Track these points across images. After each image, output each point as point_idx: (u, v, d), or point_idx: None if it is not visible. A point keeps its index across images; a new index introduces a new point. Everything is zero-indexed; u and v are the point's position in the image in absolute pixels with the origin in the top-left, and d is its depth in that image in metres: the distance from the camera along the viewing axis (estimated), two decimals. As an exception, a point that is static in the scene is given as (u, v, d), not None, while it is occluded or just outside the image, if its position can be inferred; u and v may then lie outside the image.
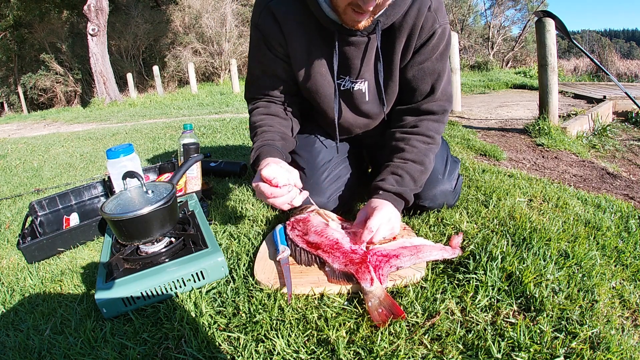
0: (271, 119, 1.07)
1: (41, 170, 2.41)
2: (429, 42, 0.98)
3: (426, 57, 1.00)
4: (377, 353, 0.62)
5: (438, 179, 1.09)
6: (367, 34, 0.97)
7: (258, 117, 1.08)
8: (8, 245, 1.27)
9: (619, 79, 7.84)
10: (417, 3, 0.94)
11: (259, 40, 1.03)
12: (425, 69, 1.01)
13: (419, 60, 1.00)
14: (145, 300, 0.80)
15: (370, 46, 1.00)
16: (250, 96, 1.15)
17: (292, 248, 0.91)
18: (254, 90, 1.13)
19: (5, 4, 12.35)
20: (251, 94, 1.14)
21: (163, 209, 0.85)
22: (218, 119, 3.88)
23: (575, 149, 2.40)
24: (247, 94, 1.16)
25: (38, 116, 7.95)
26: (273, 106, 1.10)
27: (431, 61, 1.00)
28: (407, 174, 0.99)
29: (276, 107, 1.10)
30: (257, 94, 1.12)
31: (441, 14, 0.97)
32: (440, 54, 1.00)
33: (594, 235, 0.98)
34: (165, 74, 13.02)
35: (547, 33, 2.55)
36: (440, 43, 0.99)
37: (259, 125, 1.06)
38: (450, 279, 0.80)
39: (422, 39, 0.97)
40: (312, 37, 1.00)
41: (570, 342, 0.62)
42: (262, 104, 1.11)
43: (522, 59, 14.35)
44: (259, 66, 1.09)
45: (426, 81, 1.02)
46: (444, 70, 1.02)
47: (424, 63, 1.00)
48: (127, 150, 1.22)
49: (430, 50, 0.99)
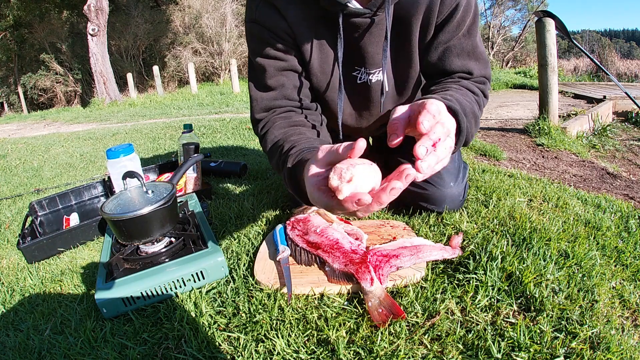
0: (297, 131, 0.81)
1: (41, 170, 2.41)
2: (453, 18, 0.83)
3: (451, 35, 0.85)
4: (377, 353, 0.62)
5: (448, 184, 1.05)
6: (374, 9, 0.81)
7: (279, 131, 0.82)
8: (8, 245, 1.27)
9: (619, 79, 7.84)
10: None
11: (262, 32, 0.86)
12: (452, 49, 0.86)
13: (444, 39, 0.86)
14: (145, 300, 0.80)
15: (381, 27, 0.85)
16: (260, 113, 0.89)
17: (292, 248, 0.91)
18: (264, 103, 0.88)
19: (5, 4, 12.35)
20: (261, 109, 0.89)
21: (163, 209, 0.85)
22: (218, 119, 3.88)
23: (575, 149, 2.40)
24: (255, 113, 0.90)
25: (38, 116, 7.95)
26: (294, 115, 0.86)
27: (458, 38, 0.85)
28: (459, 103, 0.70)
29: (298, 116, 0.86)
30: (270, 105, 0.88)
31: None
32: (467, 29, 0.86)
33: (594, 235, 0.98)
34: (165, 74, 13.03)
35: (547, 33, 2.55)
36: (466, 16, 0.84)
37: (284, 138, 0.78)
38: (450, 279, 0.80)
39: (443, 14, 0.83)
40: (318, 27, 0.85)
41: (570, 342, 0.62)
42: (279, 117, 0.85)
43: (522, 59, 14.36)
44: (269, 63, 0.87)
45: (456, 63, 0.87)
46: (475, 47, 0.87)
47: (450, 41, 0.86)
48: (127, 150, 1.22)
49: (456, 27, 0.84)
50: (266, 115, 0.88)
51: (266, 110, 0.88)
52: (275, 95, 0.88)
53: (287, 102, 0.88)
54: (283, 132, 0.81)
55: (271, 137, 0.83)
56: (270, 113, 0.88)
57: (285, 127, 0.83)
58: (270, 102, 0.88)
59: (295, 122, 0.84)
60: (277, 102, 0.88)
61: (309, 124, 0.87)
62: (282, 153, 0.74)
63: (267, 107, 0.88)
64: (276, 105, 0.88)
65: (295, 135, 0.78)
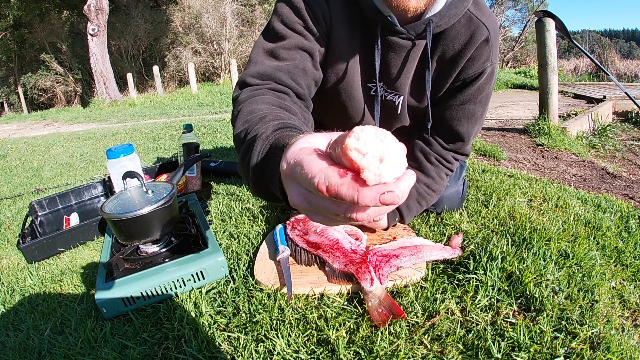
0: (287, 115, 0.61)
1: (41, 170, 2.41)
2: (476, 82, 0.84)
3: (468, 99, 0.86)
4: (377, 353, 0.62)
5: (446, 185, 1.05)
6: (414, 35, 0.80)
7: (264, 106, 0.63)
8: (8, 245, 1.27)
9: (619, 79, 7.84)
10: (471, 25, 0.79)
11: (301, 6, 0.78)
12: (464, 111, 0.88)
13: (461, 99, 0.87)
14: (145, 300, 0.80)
15: (413, 55, 0.83)
16: (253, 78, 0.74)
17: (292, 248, 0.91)
18: (263, 68, 0.74)
19: (5, 4, 12.35)
20: (257, 74, 0.74)
21: (163, 209, 0.85)
22: (218, 119, 3.88)
23: (575, 149, 2.40)
24: (247, 76, 0.74)
25: (38, 116, 7.95)
26: (288, 100, 0.70)
27: (473, 104, 0.87)
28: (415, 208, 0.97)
29: (292, 104, 0.70)
30: (268, 74, 0.74)
31: (496, 50, 0.83)
32: (485, 97, 0.88)
33: (594, 235, 0.98)
34: (165, 74, 13.03)
35: (547, 33, 2.55)
36: (487, 84, 0.86)
37: (269, 113, 0.58)
38: (450, 279, 0.80)
39: (468, 74, 0.83)
40: (354, 30, 0.82)
41: (570, 342, 0.62)
42: (272, 93, 0.70)
43: (522, 59, 14.36)
44: (291, 35, 0.77)
45: (462, 124, 0.90)
46: (482, 117, 0.90)
47: (466, 104, 0.87)
48: (127, 150, 1.22)
49: (476, 92, 0.86)
50: (259, 84, 0.73)
51: (261, 79, 0.74)
52: (280, 67, 0.75)
53: (289, 81, 0.75)
54: (269, 108, 0.62)
55: (252, 107, 0.63)
56: (264, 83, 0.73)
57: (274, 106, 0.64)
58: (272, 71, 0.74)
59: (286, 107, 0.65)
60: (278, 74, 0.74)
61: (300, 117, 0.66)
62: (262, 121, 0.54)
63: (265, 75, 0.74)
64: (275, 78, 0.74)
65: (283, 115, 0.60)
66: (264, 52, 0.78)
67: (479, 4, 0.82)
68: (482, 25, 0.80)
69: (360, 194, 0.26)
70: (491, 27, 0.80)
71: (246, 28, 13.32)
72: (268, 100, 0.66)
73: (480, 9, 0.81)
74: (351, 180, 0.27)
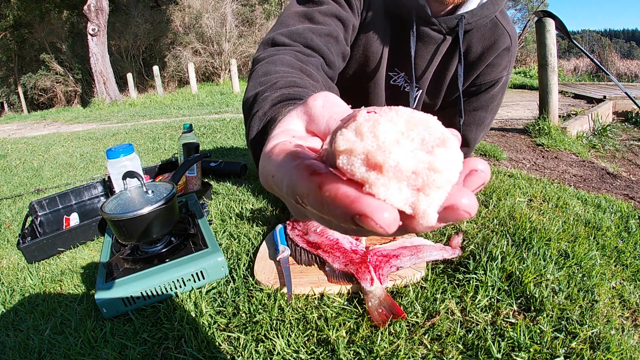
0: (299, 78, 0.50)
1: (41, 170, 2.41)
2: (491, 89, 0.85)
3: (481, 106, 0.88)
4: (377, 353, 0.62)
5: None
6: (445, 29, 0.79)
7: (278, 67, 0.55)
8: (8, 245, 1.27)
9: (619, 79, 7.84)
10: (496, 31, 0.80)
11: None
12: (475, 118, 0.89)
13: (474, 105, 0.88)
14: (145, 300, 0.80)
15: (441, 49, 0.82)
16: (283, 38, 0.65)
17: (292, 248, 0.91)
18: (295, 29, 0.67)
19: (5, 4, 12.35)
20: (288, 34, 0.66)
21: (163, 209, 0.85)
22: (218, 119, 3.88)
23: (575, 149, 2.40)
24: (276, 34, 0.66)
25: (38, 116, 7.95)
26: (312, 66, 0.61)
27: (485, 111, 0.89)
28: None
29: (316, 71, 0.60)
30: (300, 35, 0.66)
31: (513, 61, 0.84)
32: (496, 106, 0.89)
33: (594, 235, 0.98)
34: (165, 74, 13.02)
35: (547, 33, 2.55)
36: (500, 94, 0.87)
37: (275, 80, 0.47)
38: (450, 279, 0.80)
39: (485, 79, 0.84)
40: (388, 13, 0.80)
41: (570, 342, 0.62)
42: (293, 55, 0.61)
43: (522, 59, 14.35)
44: (331, 3, 0.73)
45: (471, 130, 0.90)
46: (489, 125, 0.91)
47: (478, 111, 0.89)
48: (127, 150, 1.22)
49: (489, 99, 0.87)
50: (286, 43, 0.65)
51: (291, 38, 0.66)
52: (314, 29, 0.67)
53: (321, 46, 0.67)
54: (286, 72, 0.53)
55: (268, 68, 0.54)
56: (292, 44, 0.65)
57: (293, 69, 0.55)
58: (304, 31, 0.66)
59: (307, 72, 0.56)
60: (310, 35, 0.66)
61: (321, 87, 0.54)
62: (272, 87, 0.46)
63: (296, 34, 0.66)
64: (307, 40, 0.66)
65: (300, 80, 0.48)
66: (296, 14, 0.70)
67: (504, 13, 0.82)
68: (506, 33, 0.80)
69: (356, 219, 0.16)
70: (513, 37, 0.81)
71: (246, 28, 13.31)
72: (288, 61, 0.57)
73: (506, 18, 0.81)
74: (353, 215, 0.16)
